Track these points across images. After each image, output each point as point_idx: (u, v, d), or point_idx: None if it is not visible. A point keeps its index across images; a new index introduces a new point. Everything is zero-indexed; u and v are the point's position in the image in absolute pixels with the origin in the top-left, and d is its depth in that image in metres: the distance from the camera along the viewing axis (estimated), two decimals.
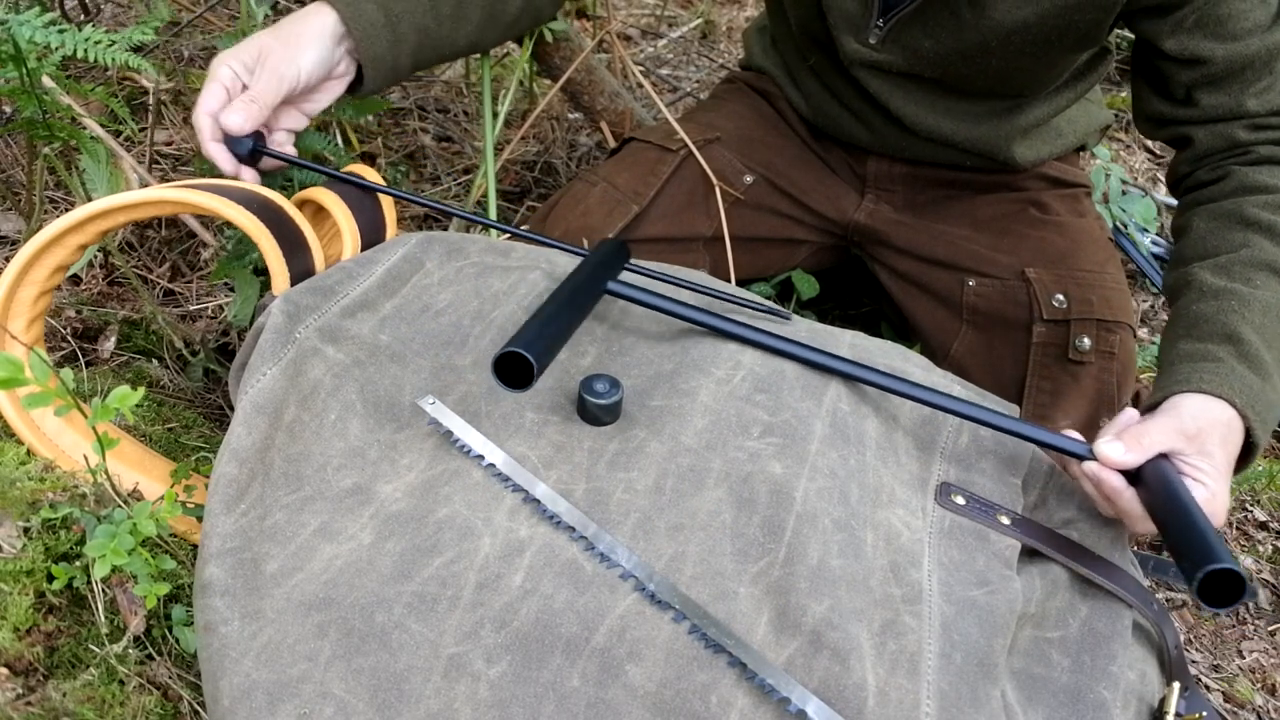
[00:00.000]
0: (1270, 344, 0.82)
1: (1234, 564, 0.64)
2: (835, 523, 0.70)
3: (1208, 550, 0.65)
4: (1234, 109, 0.92)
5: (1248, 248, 0.87)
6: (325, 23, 0.88)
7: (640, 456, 0.72)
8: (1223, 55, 0.90)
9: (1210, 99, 0.92)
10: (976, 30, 0.97)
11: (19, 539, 0.73)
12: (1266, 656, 1.13)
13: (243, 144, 0.86)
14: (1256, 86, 0.91)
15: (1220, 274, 0.86)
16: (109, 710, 0.69)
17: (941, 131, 1.12)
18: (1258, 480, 1.34)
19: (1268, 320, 0.83)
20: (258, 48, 0.86)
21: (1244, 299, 0.84)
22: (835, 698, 0.61)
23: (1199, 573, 0.65)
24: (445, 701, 0.60)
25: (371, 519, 0.68)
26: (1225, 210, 0.91)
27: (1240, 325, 0.82)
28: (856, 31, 1.05)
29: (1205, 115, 0.93)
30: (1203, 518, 0.69)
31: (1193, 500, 0.71)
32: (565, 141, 1.76)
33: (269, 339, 0.74)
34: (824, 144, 1.25)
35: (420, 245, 0.85)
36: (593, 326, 0.83)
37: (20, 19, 0.86)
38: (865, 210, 1.22)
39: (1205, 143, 0.94)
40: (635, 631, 0.63)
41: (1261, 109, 0.92)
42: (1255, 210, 0.89)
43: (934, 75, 1.06)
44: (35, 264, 0.79)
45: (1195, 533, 0.67)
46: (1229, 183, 0.92)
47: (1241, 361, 0.80)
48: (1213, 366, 0.80)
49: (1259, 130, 0.92)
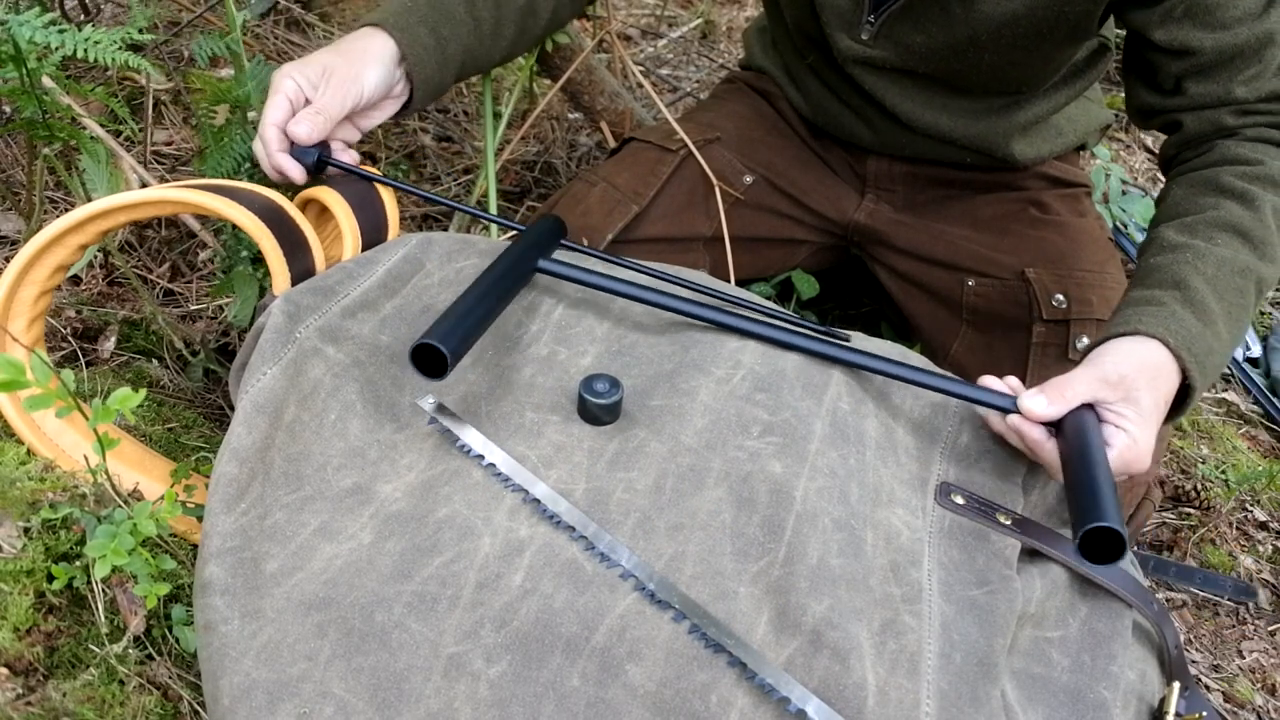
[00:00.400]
0: (1221, 295, 0.83)
1: (1115, 524, 0.65)
2: (835, 522, 0.70)
3: (1093, 508, 0.67)
4: (1222, 97, 0.92)
5: (1215, 210, 0.88)
6: (385, 46, 0.92)
7: (640, 456, 0.72)
8: (1212, 45, 0.90)
9: (1199, 88, 0.93)
10: (966, 24, 0.97)
11: (19, 539, 0.73)
12: (1266, 656, 1.13)
13: (309, 154, 0.88)
14: (1245, 74, 0.91)
15: (1183, 231, 0.88)
16: (109, 710, 0.69)
17: (939, 128, 1.12)
18: (1258, 480, 1.34)
19: (1221, 273, 0.84)
20: (322, 64, 0.89)
21: (1200, 252, 0.85)
22: (835, 697, 0.61)
23: (1080, 530, 0.67)
24: (445, 701, 0.60)
25: (371, 519, 0.68)
26: (1202, 178, 0.92)
27: (1190, 274, 0.83)
28: (849, 28, 1.05)
29: (1194, 103, 0.94)
30: (1104, 473, 0.70)
31: (1100, 455, 0.72)
32: (565, 141, 1.76)
33: (269, 339, 0.74)
34: (824, 143, 1.25)
35: (420, 246, 0.85)
36: (593, 326, 0.83)
37: (20, 19, 0.86)
38: (865, 210, 1.22)
39: (1193, 127, 0.95)
40: (635, 631, 0.63)
41: (1250, 96, 0.92)
42: (1230, 179, 0.90)
43: (927, 71, 1.06)
44: (36, 264, 0.79)
45: (1089, 489, 0.69)
46: (1212, 155, 0.93)
47: (1185, 306, 0.81)
48: (1154, 310, 0.81)
49: (1246, 115, 0.93)
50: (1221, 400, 1.54)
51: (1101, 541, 0.67)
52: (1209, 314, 0.82)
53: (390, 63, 0.93)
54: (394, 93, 0.96)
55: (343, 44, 0.93)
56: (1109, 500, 0.67)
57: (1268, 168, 0.90)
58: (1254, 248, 0.86)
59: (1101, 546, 0.67)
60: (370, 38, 0.92)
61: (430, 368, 0.71)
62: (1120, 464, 0.75)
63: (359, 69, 0.90)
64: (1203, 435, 1.45)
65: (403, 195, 1.51)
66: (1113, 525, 0.65)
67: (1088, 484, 0.69)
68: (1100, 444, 0.73)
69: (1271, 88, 0.92)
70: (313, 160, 0.88)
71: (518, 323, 0.83)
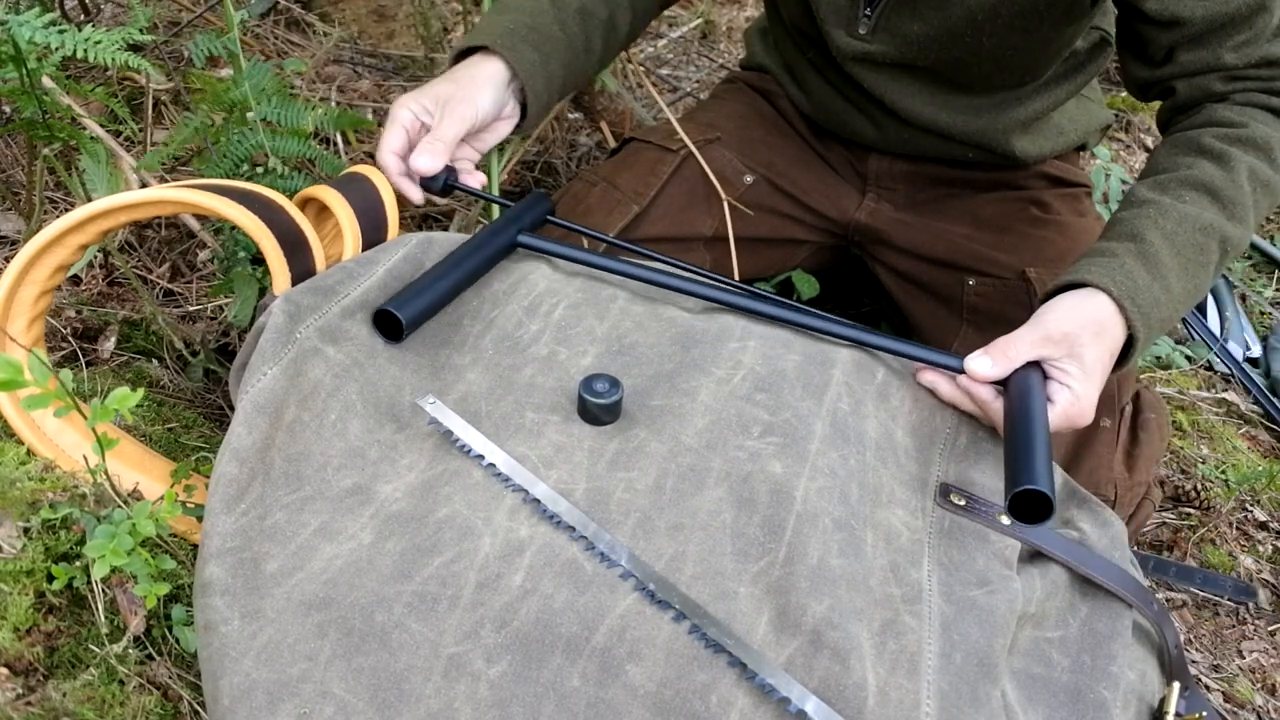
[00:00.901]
0: (1178, 250, 0.84)
1: (1044, 487, 0.68)
2: (835, 522, 0.70)
3: (1025, 470, 0.69)
4: (1212, 63, 0.93)
5: (1190, 169, 0.89)
6: (496, 69, 0.97)
7: (640, 456, 0.72)
8: (1202, 14, 0.90)
9: (1189, 55, 0.94)
10: (963, 5, 0.97)
11: (19, 539, 0.73)
12: (1266, 656, 1.13)
13: (436, 180, 0.93)
14: (1235, 40, 0.92)
15: (1154, 189, 0.89)
16: (109, 710, 0.69)
17: (940, 124, 1.12)
18: (1258, 480, 1.34)
19: (1182, 229, 0.85)
20: (435, 94, 0.94)
21: (1164, 208, 0.86)
22: (835, 697, 0.61)
23: (1010, 491, 0.70)
24: (445, 701, 0.60)
25: (371, 519, 0.68)
26: (1185, 138, 0.93)
27: (1148, 228, 0.85)
28: (846, 24, 1.05)
29: (1185, 70, 0.94)
30: (1041, 435, 0.72)
31: (1040, 416, 0.74)
32: (565, 141, 1.76)
33: (269, 339, 0.74)
34: (825, 142, 1.25)
35: (421, 246, 0.85)
36: (593, 326, 0.83)
37: (20, 19, 0.86)
38: (866, 209, 1.22)
39: (1185, 93, 0.96)
40: (635, 631, 0.63)
41: (1239, 62, 0.92)
42: (1210, 139, 0.91)
43: (927, 63, 1.06)
44: (36, 264, 0.79)
45: (1023, 451, 0.71)
46: (1198, 118, 0.95)
47: (1137, 259, 0.82)
48: (1104, 260, 0.82)
49: (1236, 81, 0.93)
50: (1221, 400, 1.54)
51: (1031, 503, 0.70)
52: (1160, 267, 0.83)
53: (501, 85, 0.97)
54: (505, 113, 1.00)
55: (454, 72, 0.97)
56: (1041, 463, 0.70)
57: (1250, 130, 0.91)
58: (1222, 207, 0.87)
59: (1031, 508, 0.70)
60: (481, 64, 0.97)
61: (389, 332, 0.78)
62: (1064, 419, 0.78)
63: (472, 93, 0.94)
64: (1203, 435, 1.45)
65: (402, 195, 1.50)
66: (1041, 489, 0.68)
67: (1024, 444, 0.72)
68: (1041, 405, 0.75)
69: (1263, 53, 0.92)
70: (440, 185, 0.93)
71: (518, 323, 0.83)
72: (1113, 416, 1.01)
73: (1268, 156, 0.91)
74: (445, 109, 0.93)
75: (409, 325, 0.77)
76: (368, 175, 0.91)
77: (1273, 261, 1.91)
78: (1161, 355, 1.60)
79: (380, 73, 1.85)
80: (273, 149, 1.05)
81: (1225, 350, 1.63)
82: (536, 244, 0.87)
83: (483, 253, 0.84)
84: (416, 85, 1.80)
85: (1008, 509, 0.71)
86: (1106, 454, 0.99)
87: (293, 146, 1.06)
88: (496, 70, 0.97)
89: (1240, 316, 1.72)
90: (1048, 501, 0.69)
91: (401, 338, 0.78)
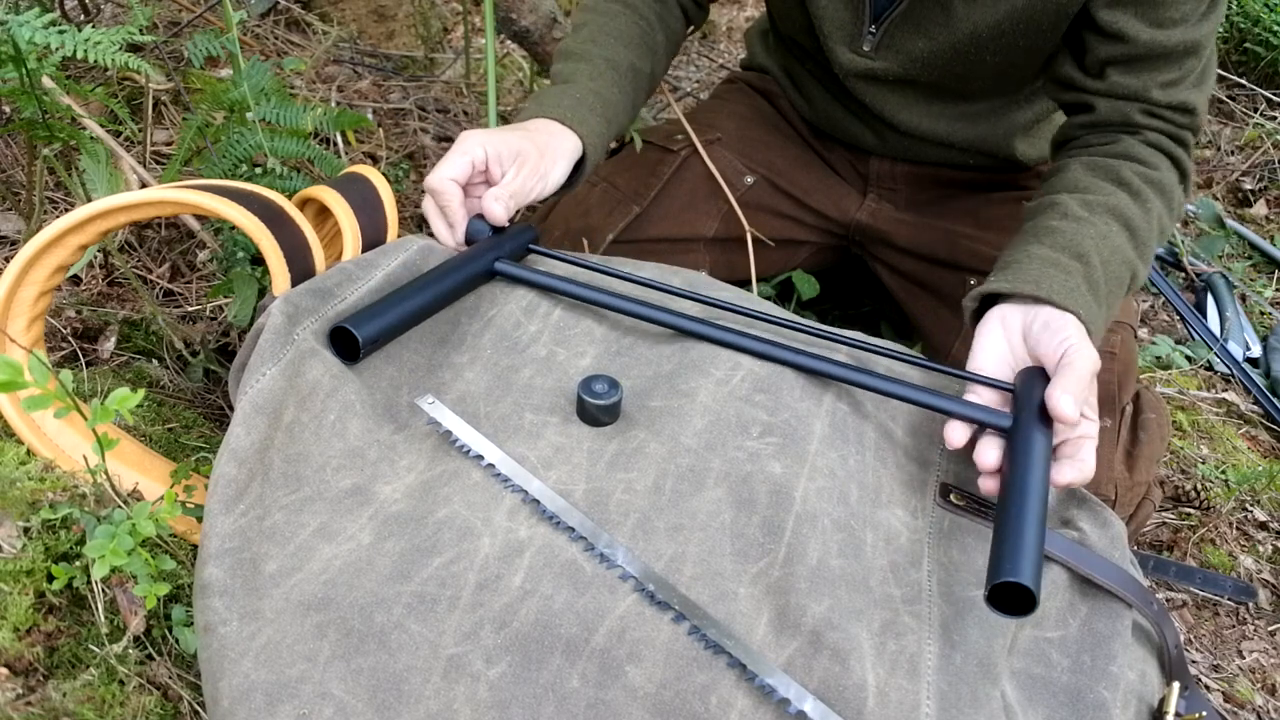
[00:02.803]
0: (1108, 279, 0.86)
1: (1028, 580, 0.61)
2: (835, 523, 0.70)
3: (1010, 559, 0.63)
4: (1139, 92, 0.95)
5: (1114, 198, 0.90)
6: (574, 144, 0.96)
7: (640, 457, 0.72)
8: (1146, 39, 0.92)
9: (1120, 78, 0.95)
10: (968, 21, 0.97)
11: (19, 539, 0.73)
12: (1266, 656, 1.13)
13: (482, 231, 0.89)
14: (1164, 77, 0.94)
15: (1085, 207, 0.90)
16: (109, 710, 0.69)
17: (939, 134, 1.12)
18: (1258, 480, 1.34)
19: (1113, 260, 0.87)
20: (515, 147, 0.90)
21: (1101, 233, 0.87)
22: (835, 698, 0.61)
23: (991, 582, 0.63)
24: (445, 702, 0.60)
25: (371, 519, 0.68)
26: (1104, 164, 0.94)
27: (1091, 251, 0.85)
28: (850, 41, 1.05)
29: (1112, 90, 0.96)
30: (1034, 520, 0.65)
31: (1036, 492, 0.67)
32: None
33: (268, 340, 0.74)
34: (826, 144, 1.25)
35: (421, 253, 0.85)
36: (592, 327, 0.83)
37: (20, 19, 0.86)
38: (867, 209, 1.22)
39: (1104, 114, 0.97)
40: (635, 632, 0.63)
41: (1161, 100, 0.94)
42: (1129, 174, 0.92)
43: (930, 79, 1.06)
44: (35, 264, 0.79)
45: (1012, 534, 0.64)
46: (1116, 147, 0.96)
47: (1086, 283, 0.83)
48: (1063, 278, 0.82)
49: (1153, 118, 0.95)
50: (1221, 400, 1.54)
51: (1011, 595, 0.63)
52: (1100, 296, 0.84)
53: (572, 160, 0.96)
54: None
55: (536, 133, 0.94)
56: (1029, 551, 0.63)
57: (1161, 175, 0.93)
58: (1137, 245, 0.89)
59: (1011, 599, 0.63)
60: (561, 136, 0.95)
61: (346, 351, 0.76)
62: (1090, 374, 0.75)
63: (549, 166, 0.92)
64: (1203, 435, 1.45)
65: (402, 195, 1.51)
66: (1024, 582, 0.61)
67: (1013, 528, 0.65)
68: (1041, 479, 0.69)
69: (1182, 98, 0.95)
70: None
71: (516, 323, 0.83)
72: (1113, 416, 1.01)
73: (1169, 206, 0.94)
74: (521, 168, 0.90)
75: (366, 346, 0.74)
76: (367, 176, 0.91)
77: (1273, 261, 1.91)
78: (1161, 355, 1.60)
79: (380, 73, 1.85)
80: (272, 149, 1.05)
81: (1225, 350, 1.63)
82: (514, 272, 0.85)
83: (456, 277, 0.82)
84: (417, 83, 1.81)
85: (986, 598, 0.63)
86: (1106, 454, 0.99)
87: (292, 147, 1.06)
88: (573, 146, 0.95)
89: (1240, 316, 1.72)
90: (1030, 597, 0.62)
91: (358, 358, 0.75)
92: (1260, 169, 2.16)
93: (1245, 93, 2.41)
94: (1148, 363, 1.58)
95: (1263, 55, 2.41)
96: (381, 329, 0.76)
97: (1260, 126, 2.26)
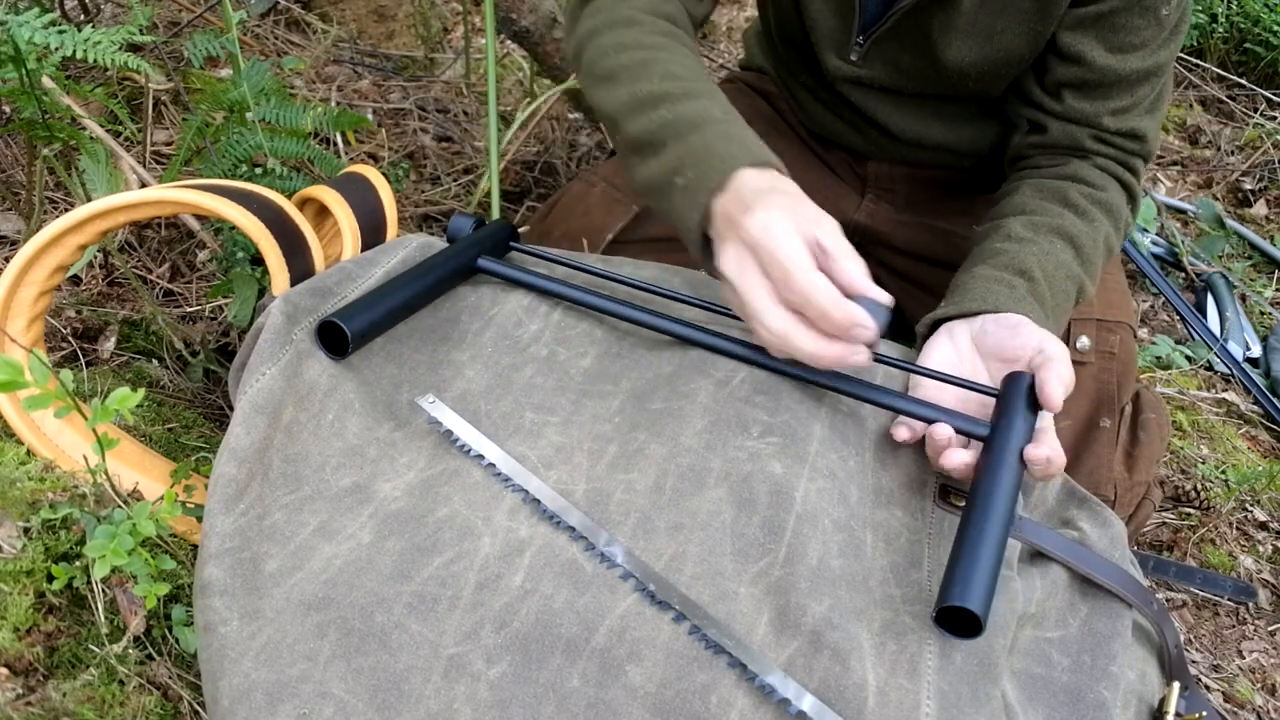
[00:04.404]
0: (1054, 293, 0.87)
1: (975, 607, 0.62)
2: (835, 523, 0.70)
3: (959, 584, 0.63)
4: (1090, 117, 0.97)
5: (1060, 219, 0.92)
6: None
7: (640, 458, 0.72)
8: (1102, 64, 0.93)
9: (1074, 101, 0.97)
10: (950, 53, 0.99)
11: (19, 539, 0.73)
12: (1266, 656, 1.13)
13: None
14: (1117, 104, 0.96)
15: (1029, 228, 0.91)
16: (109, 710, 0.69)
17: (932, 138, 1.12)
18: (1258, 480, 1.34)
19: (1058, 274, 0.88)
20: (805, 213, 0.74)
21: (1044, 250, 0.88)
22: (835, 698, 0.61)
23: (939, 605, 0.63)
24: (445, 702, 0.60)
25: (371, 518, 0.68)
26: (1052, 187, 0.96)
27: (1034, 267, 0.86)
28: (838, 49, 1.06)
29: (1065, 114, 0.98)
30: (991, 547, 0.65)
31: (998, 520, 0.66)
32: (565, 141, 1.76)
33: (268, 339, 0.74)
34: (824, 144, 1.25)
35: (420, 250, 0.85)
36: (592, 328, 0.83)
37: (20, 20, 0.86)
38: (866, 210, 1.22)
39: (1054, 136, 0.99)
40: (635, 632, 0.63)
41: (1112, 126, 0.96)
42: (1077, 195, 0.94)
43: (916, 90, 1.07)
44: (35, 264, 0.79)
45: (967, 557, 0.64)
46: (1064, 169, 0.97)
47: (1032, 296, 0.84)
48: (1008, 291, 0.83)
49: (1103, 144, 0.98)
50: (1221, 400, 1.54)
51: (959, 620, 0.64)
52: (1047, 308, 0.85)
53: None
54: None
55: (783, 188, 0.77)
56: (982, 578, 0.63)
57: (1109, 195, 0.95)
58: (1083, 262, 0.91)
59: (959, 623, 0.64)
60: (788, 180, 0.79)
61: (334, 346, 0.75)
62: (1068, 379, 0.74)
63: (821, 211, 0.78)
64: (1203, 435, 1.45)
65: (401, 195, 1.51)
66: (972, 608, 0.61)
67: (968, 552, 0.64)
68: (1006, 509, 0.67)
69: (1132, 125, 0.96)
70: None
71: (517, 321, 0.83)
72: (1113, 416, 1.01)
73: (1116, 226, 0.95)
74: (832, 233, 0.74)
75: (355, 340, 0.74)
76: (367, 175, 0.91)
77: (1273, 261, 1.91)
78: (1161, 355, 1.60)
79: (380, 73, 1.85)
80: (272, 149, 1.05)
81: (1225, 350, 1.63)
82: (496, 269, 0.86)
83: (439, 273, 0.82)
84: (416, 85, 1.81)
85: (935, 619, 0.64)
86: (1106, 454, 0.99)
87: (291, 147, 1.06)
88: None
89: (1240, 316, 1.72)
90: (977, 623, 0.62)
91: (346, 353, 0.75)
92: (1260, 169, 2.16)
93: (1245, 93, 2.41)
94: (1148, 363, 1.58)
95: (1263, 55, 2.41)
96: (370, 323, 0.76)
97: (1260, 126, 2.27)
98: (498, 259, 0.87)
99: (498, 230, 0.90)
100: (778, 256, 0.70)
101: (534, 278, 0.85)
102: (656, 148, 0.83)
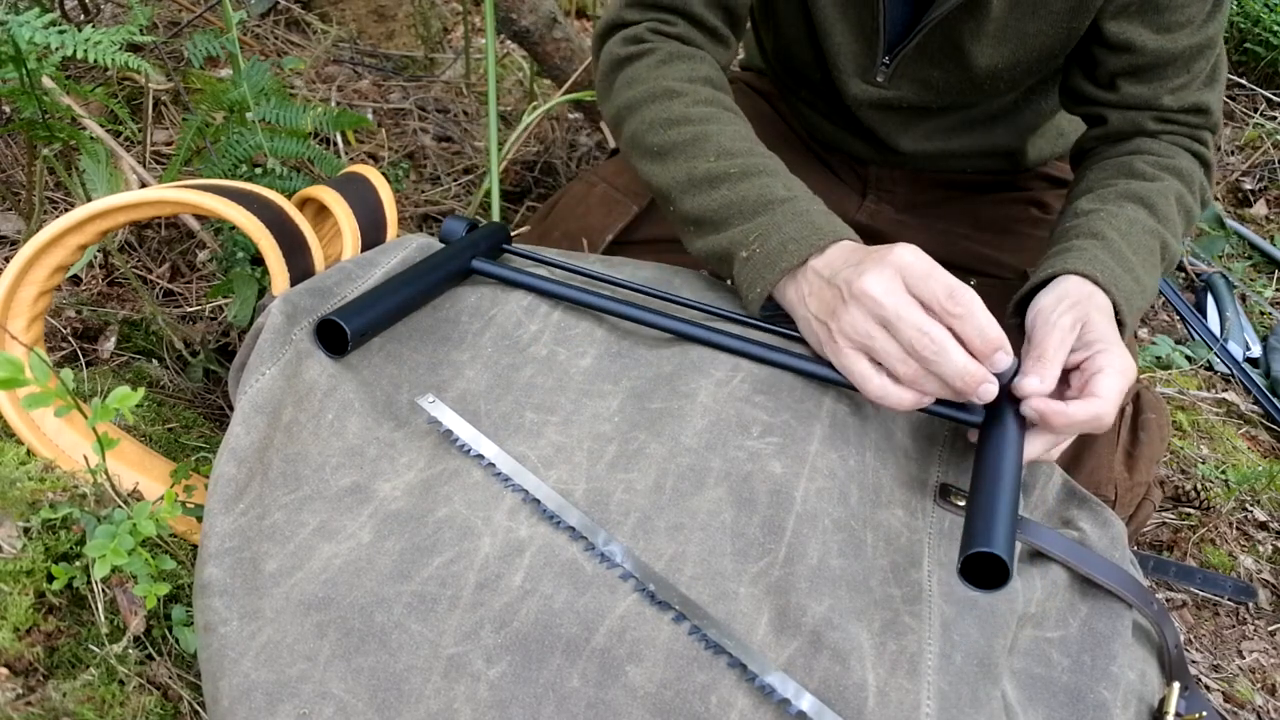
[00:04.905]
0: (1134, 248, 0.85)
1: (1001, 551, 0.61)
2: (835, 523, 0.70)
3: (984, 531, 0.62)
4: (1150, 100, 0.96)
5: (1126, 185, 0.92)
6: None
7: (640, 458, 0.72)
8: (1154, 47, 0.92)
9: (1131, 88, 0.96)
10: (985, 57, 0.98)
11: (19, 539, 0.73)
12: (1266, 656, 1.13)
13: (463, 228, 0.88)
14: (1174, 83, 0.95)
15: (1094, 200, 0.91)
16: (109, 710, 0.69)
17: (938, 151, 1.13)
18: (1258, 480, 1.34)
19: (1133, 230, 0.87)
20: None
21: (1111, 213, 0.88)
22: (835, 698, 0.61)
23: (964, 552, 0.62)
24: (445, 702, 0.60)
25: (370, 518, 0.68)
26: (1116, 163, 0.96)
27: (1105, 228, 0.86)
28: (863, 72, 1.04)
29: (1123, 101, 0.97)
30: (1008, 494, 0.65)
31: (1011, 469, 0.67)
32: (565, 141, 1.76)
33: (268, 339, 0.74)
34: (825, 148, 1.25)
35: (419, 251, 0.85)
36: (592, 328, 0.83)
37: (20, 19, 0.86)
38: (866, 211, 1.22)
39: (1117, 125, 0.98)
40: (635, 632, 0.63)
41: (1174, 105, 0.95)
42: (1141, 164, 0.94)
43: (944, 104, 1.06)
44: (35, 264, 0.79)
45: (986, 507, 0.64)
46: (1128, 146, 0.97)
47: (1105, 251, 0.83)
48: (1075, 254, 0.82)
49: (1166, 123, 0.97)
50: (1221, 400, 1.54)
51: (985, 567, 0.63)
52: (1126, 261, 0.84)
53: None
54: None
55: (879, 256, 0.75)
56: (1003, 524, 0.62)
57: (1177, 161, 0.94)
58: (1158, 219, 0.89)
59: (985, 572, 0.63)
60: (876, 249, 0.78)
61: (333, 345, 0.75)
62: (1125, 382, 0.74)
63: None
64: (1203, 435, 1.45)
65: (401, 195, 1.51)
66: (998, 552, 0.61)
67: (986, 503, 0.65)
68: (1015, 459, 0.68)
69: (1194, 99, 0.95)
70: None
71: (517, 322, 0.83)
72: None
73: (1189, 187, 0.94)
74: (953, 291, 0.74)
75: (354, 339, 0.74)
76: (366, 175, 0.91)
77: (1273, 261, 1.91)
78: (1161, 355, 1.60)
79: (380, 73, 1.85)
80: (272, 149, 1.05)
81: (1225, 350, 1.63)
82: (491, 270, 0.86)
83: (434, 275, 0.82)
84: (416, 85, 1.81)
85: (959, 571, 0.63)
86: (1106, 454, 0.99)
87: (291, 147, 1.06)
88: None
89: (1240, 316, 1.72)
90: (1004, 568, 0.61)
91: (345, 351, 0.75)
92: (1260, 169, 2.16)
93: (1245, 93, 2.41)
94: (1148, 363, 1.58)
95: (1263, 55, 2.41)
96: (369, 322, 0.76)
97: (1260, 126, 2.26)
98: (492, 260, 0.87)
99: (493, 232, 0.90)
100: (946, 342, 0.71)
101: (529, 278, 0.85)
102: (719, 226, 0.84)
